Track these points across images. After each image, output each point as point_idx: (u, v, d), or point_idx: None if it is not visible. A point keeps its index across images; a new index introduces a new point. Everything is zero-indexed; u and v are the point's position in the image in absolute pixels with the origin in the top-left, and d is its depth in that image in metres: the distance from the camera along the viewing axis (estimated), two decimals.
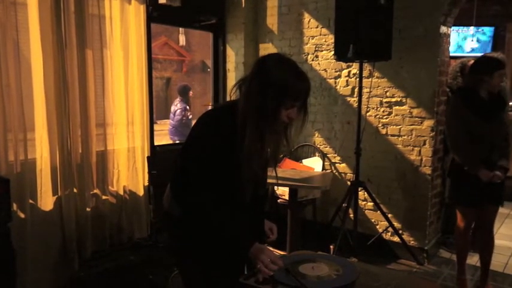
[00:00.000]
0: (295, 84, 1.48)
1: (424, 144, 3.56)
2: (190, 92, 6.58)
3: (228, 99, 1.68)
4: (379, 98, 3.76)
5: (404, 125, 3.65)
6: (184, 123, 6.22)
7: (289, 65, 1.52)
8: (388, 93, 3.71)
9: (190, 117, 6.31)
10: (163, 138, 6.38)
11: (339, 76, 3.98)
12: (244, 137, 1.49)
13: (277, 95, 1.46)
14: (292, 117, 1.52)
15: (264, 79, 1.48)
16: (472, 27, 6.42)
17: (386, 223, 3.64)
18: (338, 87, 3.99)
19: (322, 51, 4.06)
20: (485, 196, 2.89)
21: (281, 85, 1.46)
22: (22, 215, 2.80)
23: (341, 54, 3.38)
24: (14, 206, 2.74)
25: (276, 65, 1.51)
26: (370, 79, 3.73)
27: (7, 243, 2.48)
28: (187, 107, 6.36)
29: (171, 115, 6.35)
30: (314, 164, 4.10)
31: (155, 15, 3.64)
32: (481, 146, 2.87)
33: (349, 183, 3.81)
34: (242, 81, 1.56)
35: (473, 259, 3.46)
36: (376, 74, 3.74)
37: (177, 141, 6.05)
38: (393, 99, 3.69)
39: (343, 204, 3.68)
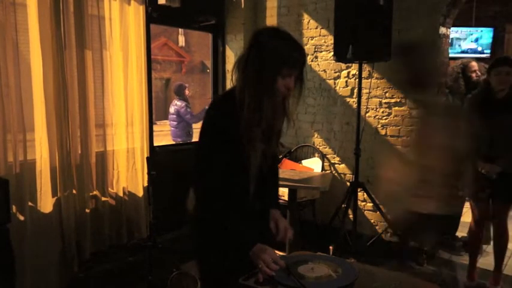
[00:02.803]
0: (291, 52, 1.51)
1: None
2: (186, 91, 6.55)
3: (229, 79, 1.71)
4: (378, 99, 3.77)
5: (404, 125, 3.65)
6: (188, 121, 6.19)
7: (285, 35, 1.55)
8: (387, 94, 3.71)
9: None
10: (162, 139, 6.37)
11: (339, 77, 3.98)
12: (243, 110, 1.50)
13: (274, 63, 1.48)
14: (290, 87, 1.54)
15: (260, 50, 1.50)
16: (471, 28, 6.42)
17: (385, 224, 3.64)
18: (337, 88, 3.99)
19: (321, 52, 4.06)
20: (496, 192, 2.94)
21: (277, 53, 1.49)
22: (21, 217, 2.80)
23: (340, 55, 3.38)
24: (13, 208, 2.73)
25: (272, 35, 1.54)
26: (369, 80, 3.73)
27: (6, 244, 2.47)
28: (188, 104, 6.33)
29: (172, 116, 6.32)
30: (313, 165, 4.10)
31: (154, 16, 3.64)
32: (481, 142, 2.95)
33: (348, 183, 3.81)
34: (240, 59, 1.57)
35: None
36: (375, 74, 3.75)
37: (181, 142, 6.03)
38: (392, 100, 3.69)
39: (343, 205, 3.68)
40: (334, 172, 4.09)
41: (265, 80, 1.49)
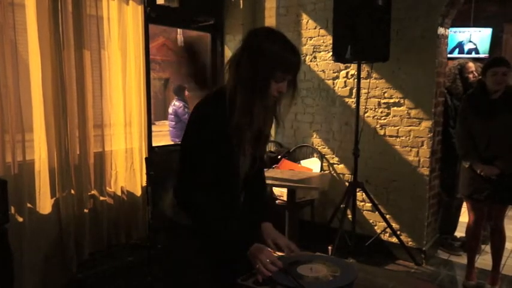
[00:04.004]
0: (286, 56, 1.47)
1: (422, 145, 3.57)
2: (186, 91, 6.56)
3: (225, 78, 1.65)
4: (377, 99, 3.77)
5: (402, 126, 3.65)
6: (185, 122, 6.19)
7: (280, 38, 1.51)
8: (386, 94, 3.72)
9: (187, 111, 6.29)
10: (161, 139, 6.37)
11: (337, 77, 3.98)
12: (233, 111, 1.46)
13: (268, 67, 1.44)
14: (282, 91, 1.50)
15: (254, 51, 1.46)
16: (469, 29, 6.43)
17: (384, 224, 3.65)
18: (336, 88, 3.99)
19: (320, 52, 4.06)
20: (493, 193, 2.95)
21: (272, 57, 1.45)
22: (20, 219, 2.79)
23: (339, 55, 3.39)
24: (12, 209, 2.72)
25: (267, 37, 1.49)
26: (368, 80, 3.73)
27: (5, 245, 2.47)
28: (186, 104, 6.35)
29: (171, 116, 6.32)
30: (312, 165, 4.10)
31: (153, 16, 3.63)
32: (478, 143, 2.99)
33: (347, 184, 3.81)
34: (233, 59, 1.53)
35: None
36: (374, 75, 3.75)
37: (179, 142, 6.03)
38: (391, 100, 3.70)
39: (341, 205, 3.68)
40: (333, 172, 4.09)
41: (258, 83, 1.45)
